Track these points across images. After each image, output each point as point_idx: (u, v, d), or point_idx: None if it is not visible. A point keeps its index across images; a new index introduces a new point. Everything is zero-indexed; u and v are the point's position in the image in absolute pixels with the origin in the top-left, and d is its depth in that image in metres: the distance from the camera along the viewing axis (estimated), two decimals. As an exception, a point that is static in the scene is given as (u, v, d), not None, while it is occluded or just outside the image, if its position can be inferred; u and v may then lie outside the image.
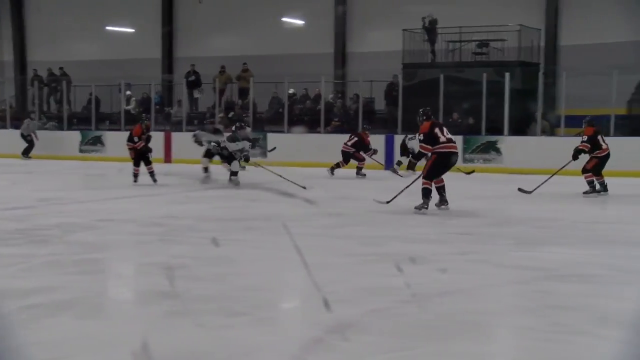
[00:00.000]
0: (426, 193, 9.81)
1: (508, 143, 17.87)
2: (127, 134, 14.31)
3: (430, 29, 21.28)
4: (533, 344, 4.24)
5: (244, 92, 22.49)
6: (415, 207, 9.77)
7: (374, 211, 9.93)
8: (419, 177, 10.27)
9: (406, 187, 10.22)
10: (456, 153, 10.22)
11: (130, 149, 13.61)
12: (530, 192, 11.74)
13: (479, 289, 5.55)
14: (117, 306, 5.25)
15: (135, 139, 13.52)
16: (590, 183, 11.99)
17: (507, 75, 18.16)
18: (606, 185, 12.06)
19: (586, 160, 12.09)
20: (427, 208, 9.76)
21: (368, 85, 21.47)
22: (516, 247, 7.49)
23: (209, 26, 25.54)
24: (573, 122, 17.98)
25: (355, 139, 16.11)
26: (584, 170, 12.06)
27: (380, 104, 21.73)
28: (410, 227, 8.81)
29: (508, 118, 18.12)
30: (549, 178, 12.07)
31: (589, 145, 11.98)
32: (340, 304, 4.94)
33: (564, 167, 12.24)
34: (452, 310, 4.90)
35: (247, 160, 13.67)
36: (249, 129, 13.86)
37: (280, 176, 13.05)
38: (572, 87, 17.81)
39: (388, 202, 10.16)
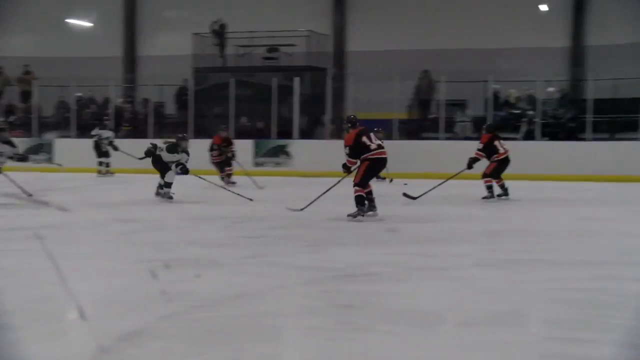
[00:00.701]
0: (360, 200, 9.59)
1: (297, 146, 18.25)
2: None
3: (220, 34, 21.36)
4: (321, 343, 4.34)
5: (26, 96, 21.44)
6: (349, 215, 9.58)
7: (168, 217, 9.83)
8: (335, 184, 10.17)
9: (322, 194, 10.16)
10: (386, 159, 9.92)
11: None
12: (415, 198, 11.61)
13: (269, 291, 5.61)
14: None
15: None
16: (489, 188, 12.01)
17: (296, 79, 18.55)
18: (507, 189, 12.11)
19: (486, 165, 12.15)
20: (363, 215, 9.59)
21: (158, 90, 21.15)
22: (306, 248, 7.63)
23: (-15, 25, 24.14)
24: (361, 125, 18.67)
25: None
26: (484, 175, 12.09)
27: (171, 108, 21.50)
28: (204, 232, 8.78)
29: (298, 122, 18.51)
30: (439, 185, 12.00)
31: (483, 154, 12.10)
32: (131, 311, 4.83)
33: (458, 173, 12.25)
34: (243, 313, 4.93)
35: (185, 172, 12.02)
36: (189, 142, 12.57)
37: (224, 188, 12.64)
38: (359, 92, 18.51)
39: (302, 210, 10.01)
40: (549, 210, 11.17)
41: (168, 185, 11.99)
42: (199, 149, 13.93)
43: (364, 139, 9.61)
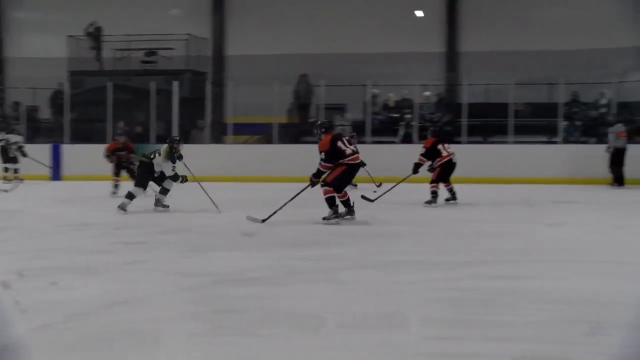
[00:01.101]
0: (332, 201, 9.60)
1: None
2: None
3: (96, 36, 20.87)
4: (202, 349, 4.30)
5: None
6: (324, 218, 9.58)
7: (44, 224, 9.52)
8: (301, 191, 9.91)
9: (289, 201, 9.90)
10: (360, 164, 9.93)
11: None
12: (372, 201, 11.50)
13: (148, 298, 5.51)
14: None
15: None
16: (434, 194, 11.94)
17: (175, 83, 18.34)
18: (455, 193, 12.17)
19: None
20: (339, 218, 9.58)
21: (32, 93, 20.44)
22: (187, 254, 7.54)
23: None
24: (243, 129, 18.68)
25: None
26: (431, 181, 12.06)
27: (45, 113, 20.83)
28: (81, 239, 8.55)
29: (178, 126, 18.29)
30: (393, 187, 12.02)
31: (424, 159, 12.09)
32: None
33: (406, 178, 12.26)
34: (121, 320, 4.82)
35: (184, 180, 11.25)
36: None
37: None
38: (239, 96, 18.47)
39: (263, 221, 9.62)
40: (427, 212, 11.44)
41: (165, 192, 11.31)
42: (77, 155, 13.58)
43: (339, 143, 9.63)
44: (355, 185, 13.26)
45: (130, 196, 11.04)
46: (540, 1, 20.45)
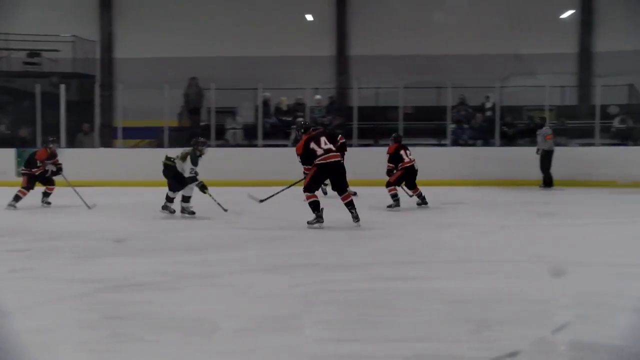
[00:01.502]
0: (315, 205, 9.50)
1: (65, 155, 17.52)
2: None
3: (-29, 35, 20.11)
4: (92, 357, 4.20)
5: None
6: (309, 222, 9.49)
7: None
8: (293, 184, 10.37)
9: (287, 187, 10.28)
10: (337, 161, 9.61)
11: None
12: (261, 201, 10.89)
13: (37, 306, 5.33)
14: None
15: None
16: (394, 197, 11.86)
17: (62, 86, 17.83)
18: (424, 198, 12.07)
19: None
20: (322, 222, 9.46)
21: None
22: (75, 260, 7.34)
23: None
24: (133, 133, 18.35)
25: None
26: (387, 184, 11.97)
27: None
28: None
29: (65, 129, 17.79)
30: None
31: (392, 165, 12.12)
32: None
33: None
34: (5, 332, 4.65)
35: (201, 186, 10.65)
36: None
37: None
38: (129, 100, 18.12)
39: (262, 201, 10.42)
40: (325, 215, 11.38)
41: (187, 199, 10.78)
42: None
43: (312, 144, 9.56)
44: (355, 194, 12.50)
45: (187, 200, 10.78)
46: (429, 7, 20.89)
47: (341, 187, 9.75)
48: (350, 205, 9.63)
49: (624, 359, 4.29)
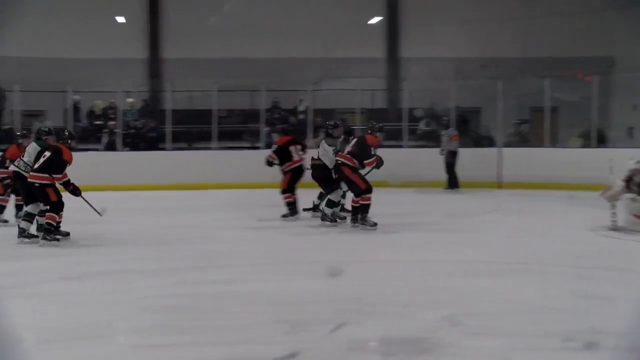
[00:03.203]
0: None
1: None
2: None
3: None
4: None
5: None
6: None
7: None
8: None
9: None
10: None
11: None
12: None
13: None
14: None
15: None
16: (290, 205, 10.58)
17: None
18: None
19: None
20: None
21: None
22: None
23: None
24: None
25: None
26: (282, 191, 10.65)
27: None
28: None
29: None
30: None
31: (274, 156, 10.70)
32: None
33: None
34: None
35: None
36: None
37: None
38: None
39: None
40: (138, 220, 11.12)
41: (335, 204, 10.01)
42: None
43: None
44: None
45: (332, 204, 9.97)
46: (241, 11, 20.95)
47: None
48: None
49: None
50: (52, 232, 8.41)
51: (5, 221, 10.27)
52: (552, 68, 18.47)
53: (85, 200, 8.88)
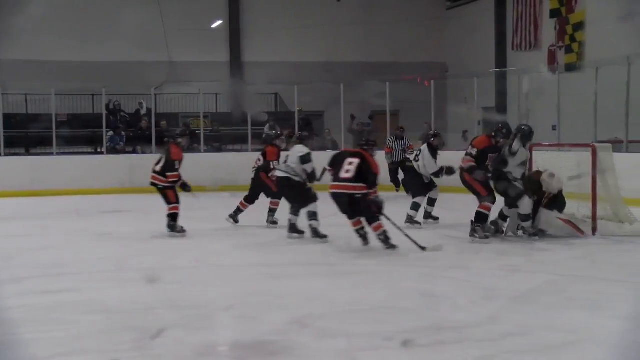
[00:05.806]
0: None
1: None
2: None
3: None
4: None
5: None
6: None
7: None
8: None
9: None
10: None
11: None
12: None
13: None
14: None
15: None
16: (238, 212, 10.14)
17: None
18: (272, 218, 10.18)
19: None
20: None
21: None
22: None
23: None
24: None
25: None
26: (245, 199, 10.17)
27: None
28: None
29: None
30: None
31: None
32: None
33: None
34: None
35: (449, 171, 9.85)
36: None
37: None
38: None
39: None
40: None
41: (432, 202, 10.24)
42: None
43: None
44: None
45: (416, 207, 9.82)
46: (83, 13, 20.30)
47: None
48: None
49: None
50: None
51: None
52: (392, 72, 18.99)
53: None
